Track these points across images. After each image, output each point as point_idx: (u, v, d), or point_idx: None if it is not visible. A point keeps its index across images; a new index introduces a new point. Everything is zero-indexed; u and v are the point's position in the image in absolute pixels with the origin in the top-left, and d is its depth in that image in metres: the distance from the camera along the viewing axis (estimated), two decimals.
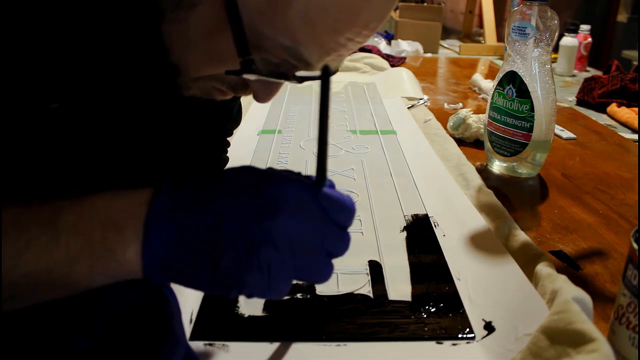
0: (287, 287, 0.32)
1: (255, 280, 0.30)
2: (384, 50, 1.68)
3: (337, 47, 0.35)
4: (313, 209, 0.31)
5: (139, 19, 0.34)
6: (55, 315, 0.32)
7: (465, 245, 0.55)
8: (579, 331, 0.35)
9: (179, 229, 0.30)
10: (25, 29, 0.32)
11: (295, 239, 0.30)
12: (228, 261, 0.29)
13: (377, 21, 0.35)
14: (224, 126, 0.63)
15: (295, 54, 0.34)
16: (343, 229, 0.33)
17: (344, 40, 0.34)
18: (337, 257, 0.33)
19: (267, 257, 0.30)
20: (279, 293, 0.31)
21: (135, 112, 0.42)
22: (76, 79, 0.36)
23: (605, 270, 0.52)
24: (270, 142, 0.86)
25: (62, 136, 0.37)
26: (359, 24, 0.34)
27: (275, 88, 0.39)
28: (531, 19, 0.67)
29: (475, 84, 1.27)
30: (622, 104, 1.09)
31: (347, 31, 0.34)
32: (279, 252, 0.30)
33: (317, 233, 0.31)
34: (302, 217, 0.31)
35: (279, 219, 0.30)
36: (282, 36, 0.33)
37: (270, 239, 0.30)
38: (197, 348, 0.40)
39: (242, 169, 0.33)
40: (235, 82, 0.39)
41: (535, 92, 0.68)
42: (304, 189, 0.31)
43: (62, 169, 0.38)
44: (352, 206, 0.33)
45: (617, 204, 0.67)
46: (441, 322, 0.43)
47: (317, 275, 0.32)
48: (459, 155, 0.79)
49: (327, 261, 0.32)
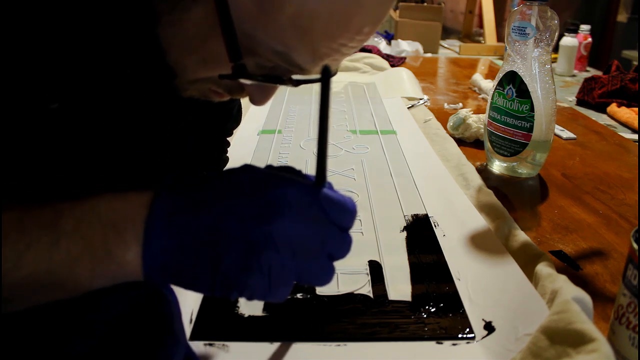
0: (287, 290, 0.32)
1: (255, 283, 0.30)
2: (384, 50, 1.68)
3: (330, 53, 0.34)
4: (314, 211, 0.31)
5: (136, 21, 0.34)
6: (55, 316, 0.32)
7: (465, 245, 0.55)
8: (579, 331, 0.35)
9: (178, 232, 0.30)
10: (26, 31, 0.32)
11: (296, 241, 0.30)
12: (228, 263, 0.29)
13: (371, 26, 0.34)
14: (224, 126, 0.64)
15: (287, 59, 0.34)
16: (344, 230, 0.32)
17: (337, 45, 0.34)
18: (339, 259, 0.33)
19: (267, 260, 0.30)
20: (279, 296, 0.31)
21: (134, 112, 0.42)
22: (75, 80, 0.36)
23: (605, 270, 0.52)
24: (270, 142, 0.86)
25: (62, 136, 0.37)
26: (352, 29, 0.33)
27: (271, 91, 0.39)
28: (531, 19, 0.67)
29: (475, 84, 1.27)
30: (622, 104, 1.09)
31: (339, 37, 0.33)
32: (280, 255, 0.30)
33: (318, 235, 0.31)
34: (302, 219, 0.30)
35: (280, 221, 0.30)
36: (274, 41, 0.33)
37: (270, 241, 0.30)
38: (197, 348, 0.40)
39: (242, 169, 0.33)
40: (231, 85, 0.38)
41: (535, 92, 0.68)
42: (305, 190, 0.31)
43: (62, 169, 0.38)
44: (353, 207, 0.33)
45: (617, 204, 0.67)
46: (441, 322, 0.43)
47: (318, 278, 0.32)
48: (459, 155, 0.79)
49: (328, 264, 0.32)
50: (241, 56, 0.33)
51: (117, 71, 0.37)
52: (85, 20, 0.34)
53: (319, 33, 0.32)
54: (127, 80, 0.38)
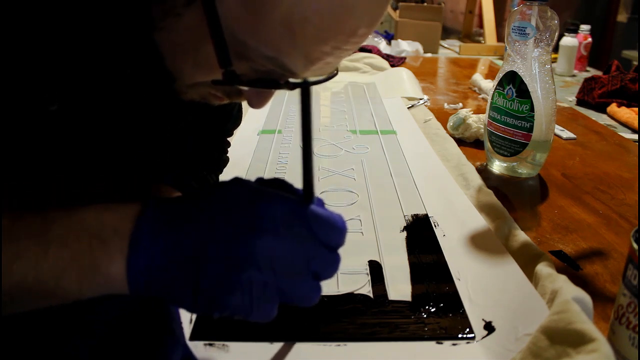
0: (272, 310, 0.31)
1: (237, 302, 0.29)
2: (384, 50, 1.68)
3: (323, 56, 0.33)
4: (299, 228, 0.30)
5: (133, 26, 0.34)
6: (55, 316, 0.32)
7: (465, 245, 0.55)
8: (579, 331, 0.35)
9: (162, 247, 0.29)
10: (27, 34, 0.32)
11: (279, 259, 0.30)
12: (208, 281, 0.29)
13: (366, 27, 0.33)
14: (224, 126, 0.64)
15: (279, 64, 0.33)
16: (333, 249, 0.32)
17: (330, 48, 0.33)
18: (325, 279, 0.32)
19: (248, 278, 0.29)
20: (263, 315, 0.31)
21: (134, 113, 0.42)
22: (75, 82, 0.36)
23: (605, 270, 0.52)
24: (270, 142, 0.86)
25: (62, 137, 0.37)
26: (345, 32, 0.32)
27: (268, 95, 0.39)
28: (531, 19, 0.67)
29: (475, 84, 1.27)
30: (622, 104, 1.09)
31: (332, 40, 0.32)
32: (262, 272, 0.29)
33: (302, 253, 0.30)
34: (287, 236, 0.30)
35: (262, 238, 0.29)
36: (265, 46, 0.32)
37: (252, 258, 0.29)
38: (197, 348, 0.40)
39: (231, 183, 0.32)
40: (229, 89, 0.38)
41: (535, 92, 0.68)
42: (291, 206, 0.31)
43: (62, 170, 0.38)
44: (342, 225, 0.32)
45: (617, 204, 0.67)
46: (441, 322, 0.43)
47: (303, 297, 0.31)
48: (459, 155, 0.79)
49: (313, 284, 0.31)
50: (231, 62, 0.32)
51: (116, 75, 0.37)
52: (84, 25, 0.34)
53: (310, 37, 0.32)
54: (126, 83, 0.38)
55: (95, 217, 0.30)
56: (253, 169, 0.73)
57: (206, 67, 0.34)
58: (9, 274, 0.28)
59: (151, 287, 0.30)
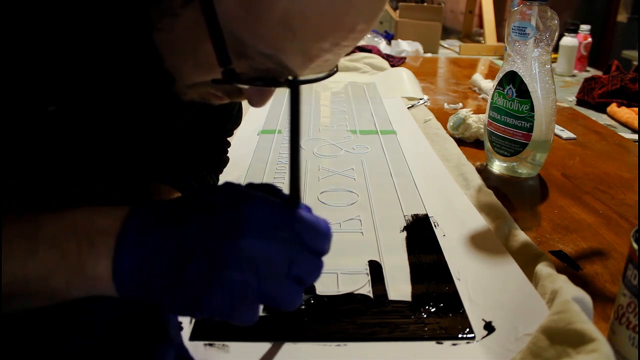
0: (253, 312, 0.31)
1: (217, 302, 0.29)
2: (384, 50, 1.68)
3: (322, 53, 0.33)
4: (283, 231, 0.30)
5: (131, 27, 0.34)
6: (55, 316, 0.32)
7: (465, 245, 0.55)
8: (579, 331, 0.35)
9: (147, 248, 0.29)
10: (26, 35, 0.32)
11: (260, 260, 0.30)
12: (188, 280, 0.29)
13: (365, 23, 0.33)
14: (224, 126, 0.64)
15: (277, 61, 0.33)
16: (318, 254, 0.32)
17: (329, 45, 0.33)
18: (308, 284, 0.32)
19: (229, 278, 0.29)
20: (244, 318, 0.30)
21: (134, 113, 0.42)
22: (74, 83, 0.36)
23: (605, 270, 0.52)
24: (270, 142, 0.86)
25: (62, 137, 0.37)
26: (344, 28, 0.32)
27: (268, 93, 0.39)
28: (531, 19, 0.67)
29: (475, 84, 1.27)
30: (622, 104, 1.09)
31: (330, 36, 0.32)
32: (243, 274, 0.29)
33: (285, 257, 0.30)
34: (270, 239, 0.30)
35: (245, 239, 0.29)
36: (263, 44, 0.32)
37: (233, 258, 0.29)
38: (197, 348, 0.40)
39: (221, 188, 0.32)
40: (229, 88, 0.38)
41: (535, 92, 0.68)
42: (276, 209, 0.31)
43: (62, 170, 0.38)
44: (327, 231, 0.32)
45: (617, 204, 0.67)
46: (441, 322, 0.43)
47: (282, 300, 0.31)
48: (459, 155, 0.79)
49: (294, 287, 0.31)
50: (230, 61, 0.32)
51: (115, 75, 0.37)
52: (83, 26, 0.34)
53: (309, 33, 0.32)
54: (126, 84, 0.38)
55: (86, 218, 0.30)
56: (253, 169, 0.73)
57: (205, 67, 0.34)
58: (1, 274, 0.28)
59: (135, 288, 0.30)
